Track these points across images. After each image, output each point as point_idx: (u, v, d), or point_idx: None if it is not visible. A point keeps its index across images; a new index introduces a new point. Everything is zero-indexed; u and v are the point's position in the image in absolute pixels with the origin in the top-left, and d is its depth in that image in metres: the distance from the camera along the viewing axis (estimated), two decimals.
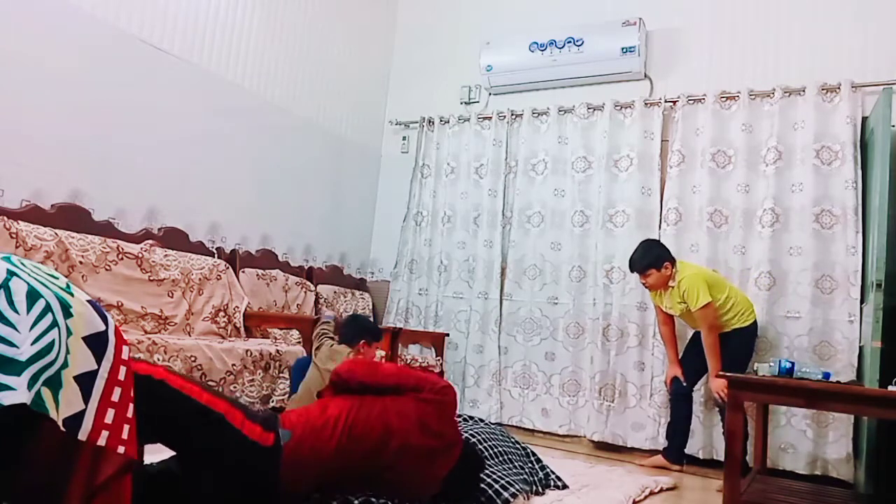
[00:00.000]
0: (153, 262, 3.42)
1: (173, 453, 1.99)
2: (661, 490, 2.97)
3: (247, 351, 3.17)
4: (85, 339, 0.96)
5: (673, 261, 3.50)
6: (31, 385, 0.86)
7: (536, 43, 4.53)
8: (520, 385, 4.41)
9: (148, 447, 1.52)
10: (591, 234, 4.30)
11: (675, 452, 3.53)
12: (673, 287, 3.46)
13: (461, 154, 4.88)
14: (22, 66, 3.05)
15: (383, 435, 1.81)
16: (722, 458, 3.12)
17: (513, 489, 2.23)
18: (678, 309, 3.48)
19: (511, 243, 4.59)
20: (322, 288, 4.56)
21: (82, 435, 0.93)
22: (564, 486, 2.64)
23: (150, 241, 3.49)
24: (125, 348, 1.03)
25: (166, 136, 3.70)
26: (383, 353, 3.45)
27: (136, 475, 1.40)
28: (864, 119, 3.71)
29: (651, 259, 3.49)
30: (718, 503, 2.58)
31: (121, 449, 0.97)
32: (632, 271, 3.61)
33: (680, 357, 3.66)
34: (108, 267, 3.19)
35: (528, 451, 2.72)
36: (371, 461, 1.81)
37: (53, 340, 0.90)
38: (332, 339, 3.10)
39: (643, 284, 3.60)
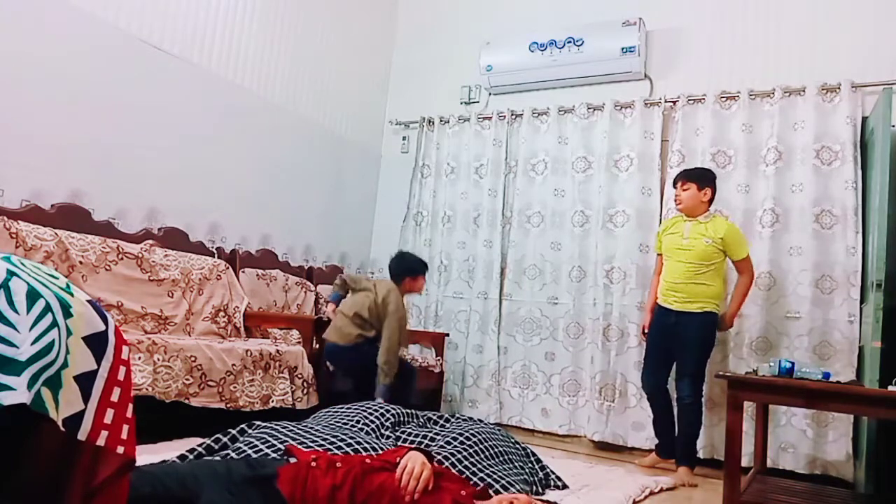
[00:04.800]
0: (153, 262, 3.42)
1: (173, 456, 1.99)
2: (661, 490, 2.97)
3: (247, 351, 3.17)
4: (85, 339, 0.96)
5: (711, 198, 3.48)
6: (30, 385, 0.86)
7: (536, 43, 4.53)
8: (519, 385, 4.41)
9: (148, 447, 1.50)
10: (591, 234, 4.31)
11: (667, 448, 3.51)
12: (703, 223, 3.42)
13: (461, 154, 4.88)
14: (22, 66, 3.05)
15: None
16: (722, 458, 3.12)
17: (513, 490, 2.23)
18: (698, 244, 3.38)
19: (511, 243, 4.59)
20: (322, 288, 4.55)
21: (82, 435, 0.93)
22: (564, 487, 2.64)
23: (150, 241, 3.49)
24: (125, 348, 1.03)
25: (166, 135, 3.70)
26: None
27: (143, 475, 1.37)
28: (864, 119, 3.71)
29: (702, 176, 3.48)
30: (719, 503, 2.58)
31: (120, 449, 0.97)
32: (674, 182, 3.58)
33: (646, 353, 3.61)
34: (108, 267, 3.19)
35: (528, 451, 2.72)
36: None
37: (53, 340, 0.90)
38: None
39: (675, 199, 3.55)
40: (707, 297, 3.38)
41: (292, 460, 1.64)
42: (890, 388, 2.54)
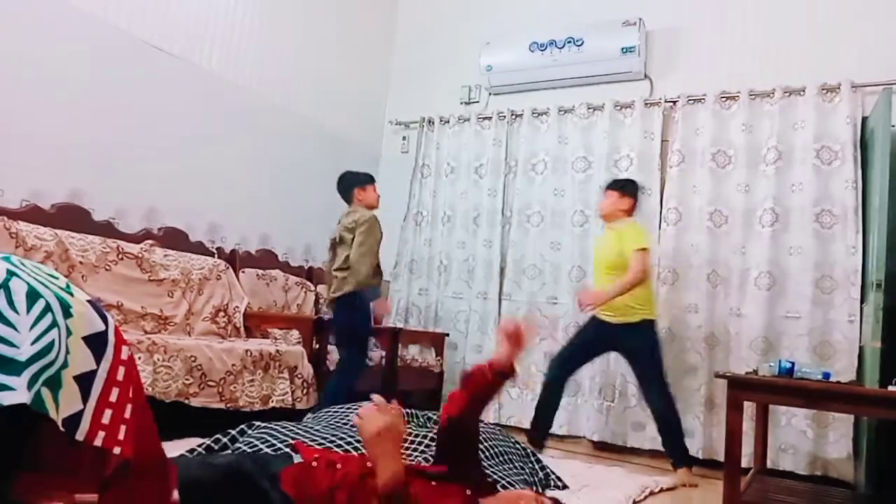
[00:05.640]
0: (153, 262, 3.42)
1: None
2: (661, 490, 2.97)
3: (247, 351, 3.17)
4: (85, 339, 0.96)
5: (634, 206, 3.55)
6: (30, 385, 0.86)
7: (536, 43, 4.53)
8: (518, 385, 4.40)
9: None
10: (590, 234, 4.30)
11: (540, 433, 3.55)
12: (615, 230, 3.48)
13: (461, 154, 4.88)
14: (22, 66, 3.05)
15: None
16: (722, 459, 3.12)
17: (513, 490, 2.23)
18: (604, 255, 3.46)
19: (511, 243, 4.59)
20: (322, 288, 4.55)
21: (80, 435, 0.93)
22: (564, 487, 2.64)
23: (150, 241, 3.49)
24: (125, 348, 1.03)
25: (166, 136, 3.70)
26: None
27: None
28: (864, 119, 3.71)
29: (624, 185, 3.58)
30: (718, 503, 2.58)
31: (117, 450, 0.97)
32: (606, 188, 3.66)
33: (564, 345, 3.63)
34: (107, 267, 3.19)
35: (528, 451, 2.72)
36: None
37: (53, 340, 0.90)
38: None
39: (599, 207, 3.65)
40: (636, 304, 3.37)
41: (297, 459, 1.64)
42: (890, 388, 2.54)
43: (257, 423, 2.26)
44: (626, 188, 3.55)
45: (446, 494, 1.59)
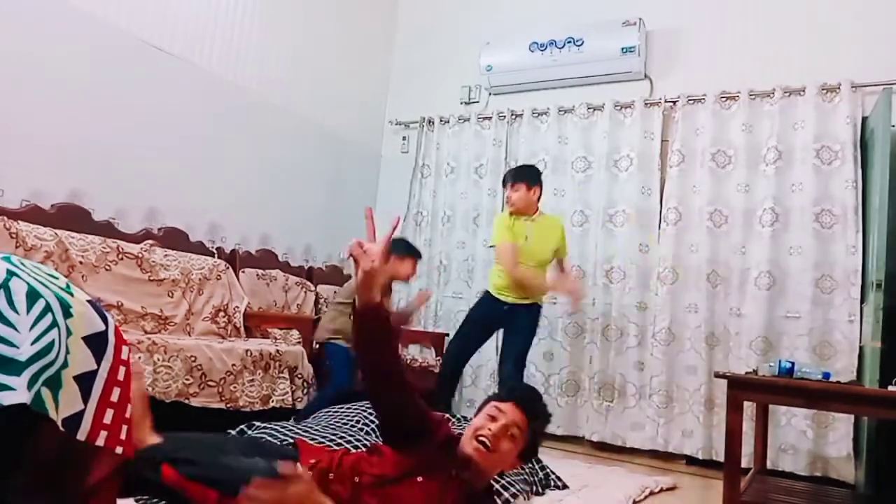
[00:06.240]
0: (153, 262, 3.41)
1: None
2: (661, 490, 2.97)
3: (247, 351, 3.17)
4: (85, 339, 0.96)
5: (540, 195, 3.56)
6: (30, 385, 0.86)
7: (536, 43, 4.53)
8: None
9: None
10: (590, 234, 4.30)
11: (443, 401, 3.59)
12: (536, 221, 3.50)
13: (461, 154, 4.88)
14: (22, 66, 3.04)
15: None
16: (721, 459, 3.12)
17: (513, 489, 2.23)
18: (543, 249, 3.47)
19: None
20: (322, 288, 4.55)
21: (81, 435, 0.93)
22: (564, 487, 2.65)
23: (150, 241, 3.49)
24: (125, 348, 1.03)
25: (166, 136, 3.70)
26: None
27: None
28: (864, 119, 3.71)
29: (529, 175, 3.56)
30: (718, 503, 2.58)
31: (119, 449, 0.97)
32: (503, 182, 3.64)
33: (467, 332, 3.62)
34: (108, 267, 3.19)
35: None
36: None
37: (53, 340, 0.90)
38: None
39: (507, 200, 3.59)
40: (539, 292, 3.52)
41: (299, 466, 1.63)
42: (890, 388, 2.54)
43: (257, 423, 2.27)
44: (532, 179, 3.54)
45: (442, 492, 1.58)
